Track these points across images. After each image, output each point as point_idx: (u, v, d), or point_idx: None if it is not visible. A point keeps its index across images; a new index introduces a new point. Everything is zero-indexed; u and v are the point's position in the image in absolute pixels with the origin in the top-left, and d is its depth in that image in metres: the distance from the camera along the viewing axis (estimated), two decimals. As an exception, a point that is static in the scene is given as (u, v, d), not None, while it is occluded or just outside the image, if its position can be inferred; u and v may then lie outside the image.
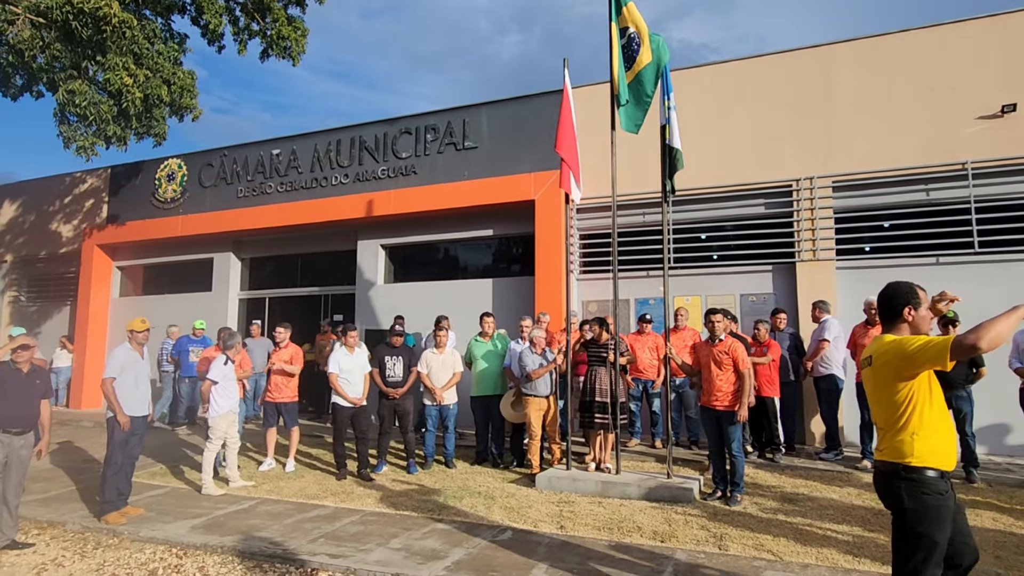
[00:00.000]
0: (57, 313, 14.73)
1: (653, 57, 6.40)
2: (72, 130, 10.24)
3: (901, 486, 2.73)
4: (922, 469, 2.69)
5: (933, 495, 2.66)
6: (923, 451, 2.70)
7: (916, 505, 2.69)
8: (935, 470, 2.69)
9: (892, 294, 2.92)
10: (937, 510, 2.66)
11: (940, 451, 2.71)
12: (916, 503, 2.69)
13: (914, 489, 2.69)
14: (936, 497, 2.66)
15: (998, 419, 7.27)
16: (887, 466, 2.80)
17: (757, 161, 8.82)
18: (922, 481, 2.68)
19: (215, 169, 12.81)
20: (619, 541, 4.72)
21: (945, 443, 2.74)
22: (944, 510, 2.67)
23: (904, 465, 2.72)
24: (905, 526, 2.74)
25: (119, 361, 5.56)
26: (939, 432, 2.73)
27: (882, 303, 2.97)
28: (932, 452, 2.70)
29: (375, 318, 10.98)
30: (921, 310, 2.87)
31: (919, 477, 2.69)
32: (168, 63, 10.66)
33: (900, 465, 2.74)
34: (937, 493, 2.66)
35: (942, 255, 7.97)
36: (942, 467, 2.71)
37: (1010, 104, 7.70)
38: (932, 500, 2.67)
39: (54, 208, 14.71)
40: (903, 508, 2.73)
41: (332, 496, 6.20)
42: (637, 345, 7.99)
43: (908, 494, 2.70)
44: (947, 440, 2.76)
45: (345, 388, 7.07)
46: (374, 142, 11.32)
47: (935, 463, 2.69)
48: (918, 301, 2.87)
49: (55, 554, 4.78)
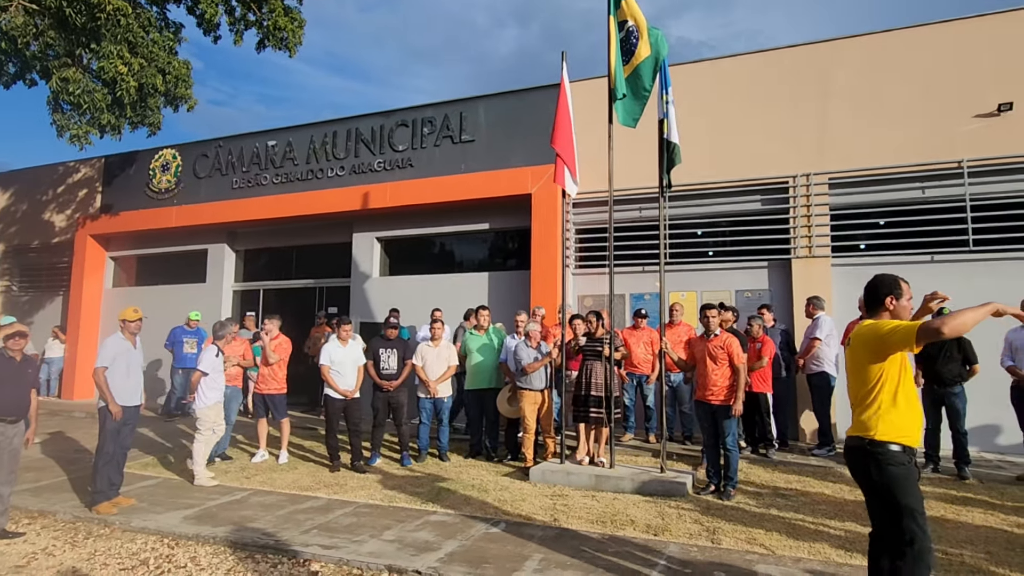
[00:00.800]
0: (49, 303, 14.64)
1: (651, 51, 6.38)
2: (66, 118, 10.15)
3: (868, 460, 2.94)
4: (886, 443, 2.90)
5: (896, 466, 2.88)
6: (887, 427, 2.91)
7: (882, 477, 2.90)
8: (898, 444, 2.90)
9: (878, 284, 3.12)
10: (903, 479, 2.87)
11: (904, 428, 2.92)
12: (882, 475, 2.90)
13: (879, 461, 2.90)
14: (899, 468, 2.88)
15: (990, 417, 7.29)
16: (855, 440, 3.02)
17: (753, 157, 8.82)
18: (885, 454, 2.89)
19: (210, 160, 12.73)
20: (612, 534, 4.72)
21: (910, 421, 2.95)
22: (910, 478, 2.88)
23: (870, 439, 2.94)
24: (880, 499, 2.94)
25: (111, 350, 5.53)
26: (905, 411, 2.94)
27: (868, 292, 3.17)
28: (895, 428, 2.91)
29: (370, 311, 10.95)
30: (902, 300, 3.07)
31: (883, 451, 2.90)
32: (163, 52, 10.57)
33: (866, 439, 2.95)
34: (900, 464, 2.88)
35: (937, 253, 7.99)
36: (905, 442, 2.92)
37: (1007, 103, 7.71)
38: (896, 470, 2.88)
39: (47, 197, 14.61)
40: (872, 481, 2.95)
41: (325, 488, 6.18)
42: (632, 340, 8.00)
43: (874, 467, 2.92)
44: (912, 419, 2.96)
45: (336, 380, 7.05)
46: (370, 134, 11.27)
47: (898, 438, 2.91)
48: (900, 292, 3.07)
49: (45, 543, 4.75)
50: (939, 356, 6.41)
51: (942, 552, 4.28)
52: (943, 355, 6.40)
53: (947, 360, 6.36)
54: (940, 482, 6.22)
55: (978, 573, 3.95)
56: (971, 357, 6.37)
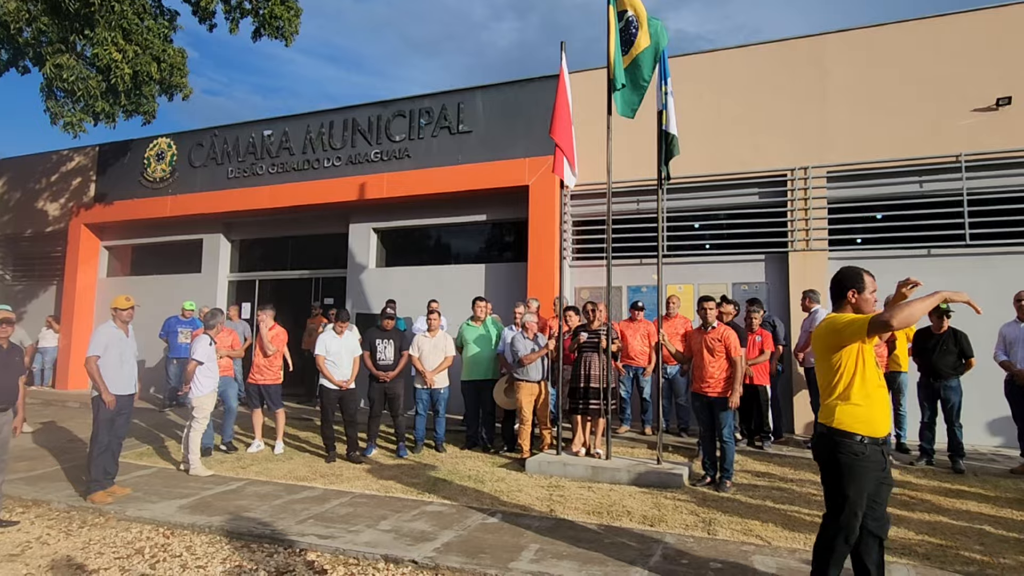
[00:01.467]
0: (43, 292, 14.54)
1: (651, 41, 6.34)
2: (59, 106, 10.05)
3: (827, 446, 3.09)
4: (847, 432, 3.02)
5: (848, 455, 3.00)
6: (848, 417, 3.03)
7: (835, 463, 3.04)
8: (858, 434, 3.00)
9: (841, 278, 3.22)
10: (851, 468, 3.00)
11: (865, 418, 3.02)
12: (835, 462, 3.04)
13: (835, 448, 3.04)
14: (851, 457, 2.99)
15: (984, 410, 7.32)
16: (820, 427, 3.18)
17: (751, 150, 8.79)
18: (843, 443, 3.02)
19: (205, 149, 12.65)
20: (609, 525, 4.73)
21: (872, 412, 3.04)
22: (859, 469, 2.99)
23: (830, 427, 3.08)
24: (828, 480, 3.12)
25: (103, 339, 5.49)
26: (867, 402, 3.04)
27: (832, 286, 3.27)
28: (856, 418, 3.02)
29: (366, 302, 10.91)
30: (864, 294, 3.15)
31: (841, 439, 3.03)
32: (158, 40, 10.47)
33: (827, 427, 3.10)
34: (853, 454, 2.99)
35: (934, 247, 8.00)
36: (867, 433, 3.02)
37: (1005, 97, 7.70)
38: (847, 459, 3.00)
39: (40, 186, 14.49)
40: (826, 464, 3.11)
41: (321, 478, 6.17)
42: (629, 332, 7.99)
43: (829, 452, 3.07)
44: (873, 408, 3.05)
45: (332, 371, 7.02)
46: (367, 124, 11.20)
47: (859, 428, 3.01)
48: (862, 285, 3.16)
49: (40, 532, 4.74)
50: (935, 350, 6.43)
51: (936, 545, 4.30)
52: (939, 349, 6.42)
53: (943, 354, 6.38)
54: (934, 474, 6.25)
55: (972, 565, 3.97)
56: (967, 351, 6.38)
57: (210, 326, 6.81)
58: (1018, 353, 6.29)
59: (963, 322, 6.47)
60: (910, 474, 6.27)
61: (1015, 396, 6.35)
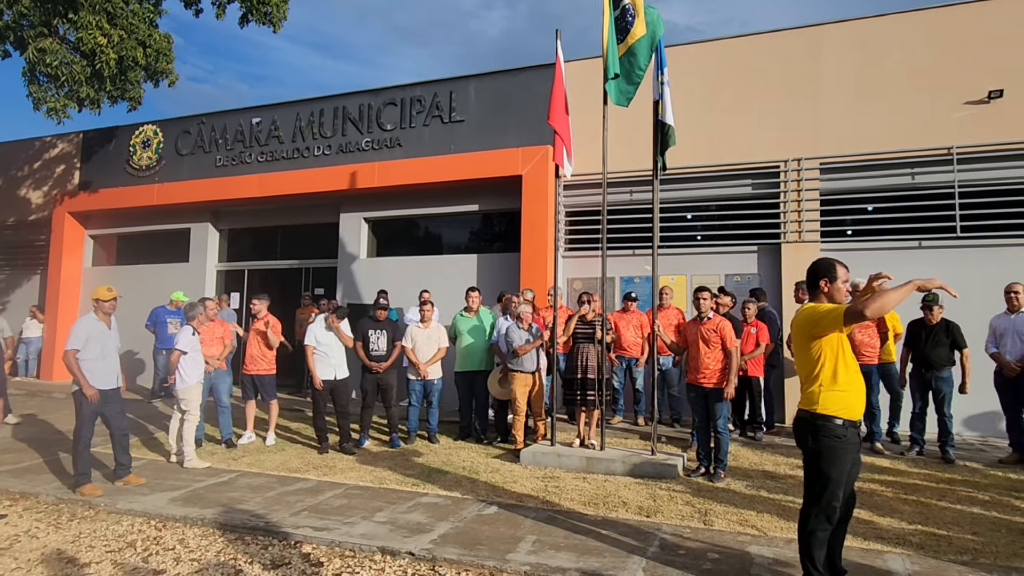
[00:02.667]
0: (26, 282, 14.30)
1: (648, 30, 6.28)
2: (43, 91, 9.83)
3: (808, 430, 3.23)
4: (828, 417, 3.16)
5: (831, 438, 3.15)
6: (829, 402, 3.17)
7: (817, 446, 3.19)
8: (839, 418, 3.16)
9: (816, 268, 3.38)
10: (833, 451, 3.15)
11: (844, 403, 3.17)
12: (817, 444, 3.18)
13: (818, 432, 3.18)
14: (834, 440, 3.15)
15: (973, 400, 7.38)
16: (801, 413, 3.31)
17: (744, 141, 8.79)
18: (825, 427, 3.16)
19: (192, 137, 12.45)
20: (605, 516, 4.72)
21: (850, 396, 3.20)
22: (840, 451, 3.15)
23: (812, 412, 3.21)
24: (809, 463, 3.27)
25: (84, 332, 5.35)
26: (846, 387, 3.19)
27: (807, 276, 3.42)
28: (837, 403, 3.16)
29: (357, 292, 10.83)
30: (836, 283, 3.30)
31: (823, 423, 3.17)
32: (144, 24, 10.26)
33: (809, 412, 3.23)
34: (836, 437, 3.14)
35: (925, 239, 8.05)
36: (847, 416, 3.17)
37: (997, 90, 7.74)
38: (830, 442, 3.15)
39: (23, 173, 14.21)
40: (808, 448, 3.25)
41: (314, 470, 6.12)
42: (622, 323, 7.99)
43: (812, 436, 3.20)
44: (853, 394, 3.21)
45: (321, 362, 6.96)
46: (358, 113, 11.07)
47: (840, 412, 3.16)
48: (835, 275, 3.30)
49: (28, 526, 4.66)
50: (927, 341, 6.48)
51: (930, 534, 4.34)
52: (931, 340, 6.46)
53: (935, 345, 6.43)
54: (924, 464, 6.32)
55: (966, 553, 4.01)
56: (960, 342, 6.43)
57: (190, 317, 6.71)
58: (1007, 344, 6.35)
59: (956, 314, 6.53)
60: (901, 463, 6.33)
61: (1003, 387, 6.42)
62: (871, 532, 4.36)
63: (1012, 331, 6.33)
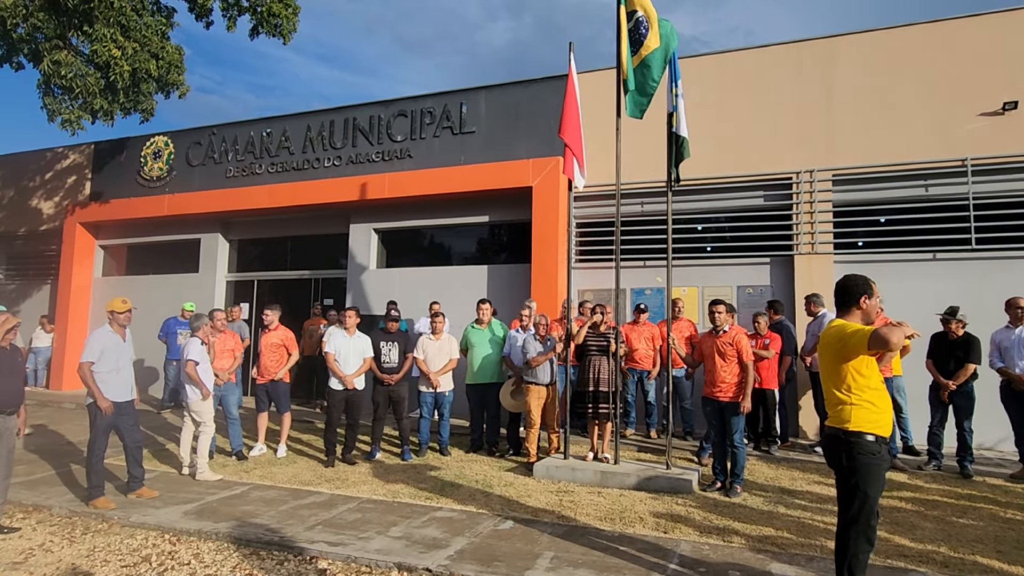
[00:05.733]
0: (37, 292, 14.36)
1: (661, 43, 6.29)
2: (57, 103, 9.90)
3: (841, 447, 3.20)
4: (860, 434, 3.14)
5: (867, 455, 3.12)
6: (860, 419, 3.15)
7: (852, 464, 3.15)
8: (871, 435, 3.14)
9: (852, 285, 3.33)
10: (869, 467, 3.12)
11: (875, 420, 3.16)
12: (852, 462, 3.15)
13: (852, 450, 3.15)
14: (869, 457, 3.12)
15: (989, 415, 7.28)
16: (832, 431, 3.28)
17: (757, 153, 8.77)
18: (859, 443, 3.14)
19: (203, 148, 12.51)
20: (622, 532, 4.67)
21: (880, 414, 3.19)
22: (876, 468, 3.13)
23: (844, 430, 3.19)
24: (845, 481, 3.21)
25: (98, 345, 5.35)
26: (875, 404, 3.18)
27: (840, 292, 3.37)
28: (868, 420, 3.15)
29: (366, 303, 10.82)
30: (873, 300, 3.30)
31: (856, 440, 3.15)
32: (156, 37, 10.34)
33: (841, 430, 3.20)
34: (870, 454, 3.12)
35: (939, 251, 8.00)
36: (877, 432, 3.16)
37: (1011, 101, 7.71)
38: (866, 459, 3.13)
39: (34, 184, 14.30)
40: (842, 466, 3.20)
41: (327, 483, 6.09)
42: (633, 335, 7.95)
43: (846, 454, 3.17)
44: (882, 411, 3.20)
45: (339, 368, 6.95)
46: (368, 124, 11.11)
47: (871, 429, 3.15)
48: (872, 292, 3.30)
49: (42, 539, 4.63)
50: (949, 354, 6.41)
51: (953, 551, 4.27)
52: (952, 354, 6.40)
53: (956, 359, 6.36)
54: (944, 479, 6.24)
55: (991, 573, 3.94)
56: (973, 357, 6.35)
57: (195, 328, 6.71)
58: (1014, 358, 6.26)
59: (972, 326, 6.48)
60: (919, 478, 6.25)
61: (1011, 401, 6.33)
62: (893, 550, 4.30)
63: (1018, 344, 6.23)
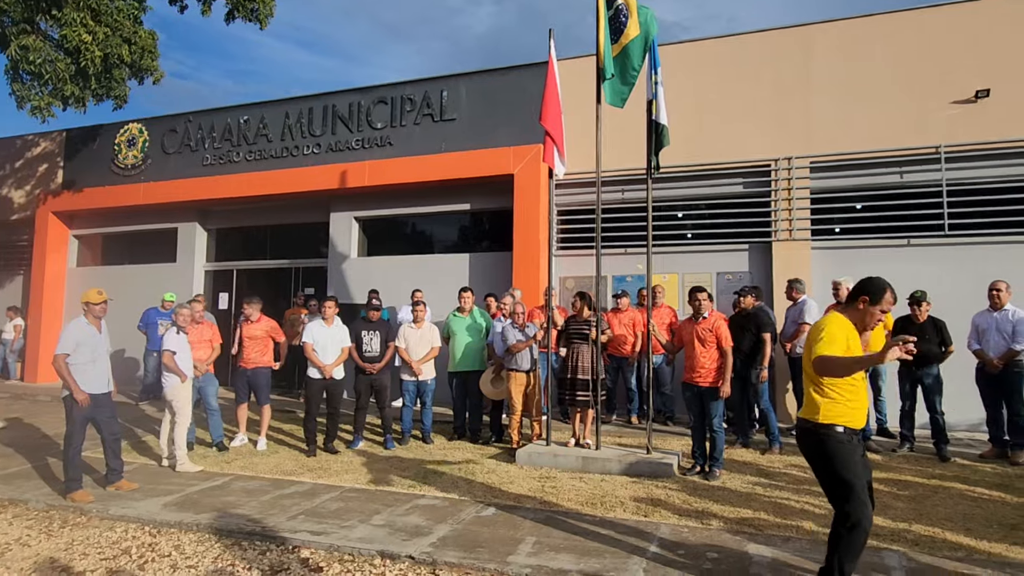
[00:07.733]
0: (9, 283, 14.09)
1: (641, 31, 6.29)
2: (26, 89, 9.64)
3: (812, 439, 3.27)
4: (830, 426, 3.21)
5: (834, 443, 3.18)
6: (830, 412, 3.21)
7: (825, 452, 3.22)
8: (841, 427, 3.19)
9: (864, 283, 3.35)
10: (838, 453, 3.18)
11: (846, 414, 3.21)
12: (823, 451, 3.22)
13: (821, 440, 3.22)
14: (837, 444, 3.18)
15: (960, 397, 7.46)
16: (804, 422, 3.35)
17: (735, 140, 8.83)
18: (828, 435, 3.20)
19: (179, 135, 12.30)
20: (603, 516, 4.73)
21: (852, 408, 3.23)
22: (848, 451, 3.18)
23: (815, 422, 3.25)
24: (822, 472, 3.27)
25: (73, 337, 5.26)
26: (847, 398, 3.23)
27: (855, 286, 3.41)
28: (838, 414, 3.21)
29: (348, 292, 10.76)
30: (873, 308, 3.29)
31: (826, 432, 3.21)
32: (128, 21, 10.11)
33: (811, 422, 3.27)
34: (838, 442, 3.18)
35: (913, 237, 8.14)
36: (848, 424, 3.21)
37: (984, 89, 7.84)
38: (833, 446, 3.19)
39: (4, 172, 13.98)
40: (816, 457, 3.27)
41: (309, 472, 6.08)
42: (614, 322, 8.00)
43: (816, 444, 3.25)
44: (855, 406, 3.25)
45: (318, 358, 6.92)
46: (348, 111, 11.00)
47: (841, 421, 3.20)
48: (878, 300, 3.29)
49: (19, 533, 4.57)
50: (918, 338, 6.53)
51: (924, 531, 4.39)
52: (920, 337, 6.52)
53: (924, 342, 6.48)
54: (916, 460, 6.39)
55: (960, 550, 4.05)
56: (947, 339, 6.51)
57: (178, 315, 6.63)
58: (990, 341, 6.44)
59: (943, 310, 6.63)
60: (893, 461, 6.40)
61: (985, 383, 6.53)
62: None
63: (994, 328, 6.42)
